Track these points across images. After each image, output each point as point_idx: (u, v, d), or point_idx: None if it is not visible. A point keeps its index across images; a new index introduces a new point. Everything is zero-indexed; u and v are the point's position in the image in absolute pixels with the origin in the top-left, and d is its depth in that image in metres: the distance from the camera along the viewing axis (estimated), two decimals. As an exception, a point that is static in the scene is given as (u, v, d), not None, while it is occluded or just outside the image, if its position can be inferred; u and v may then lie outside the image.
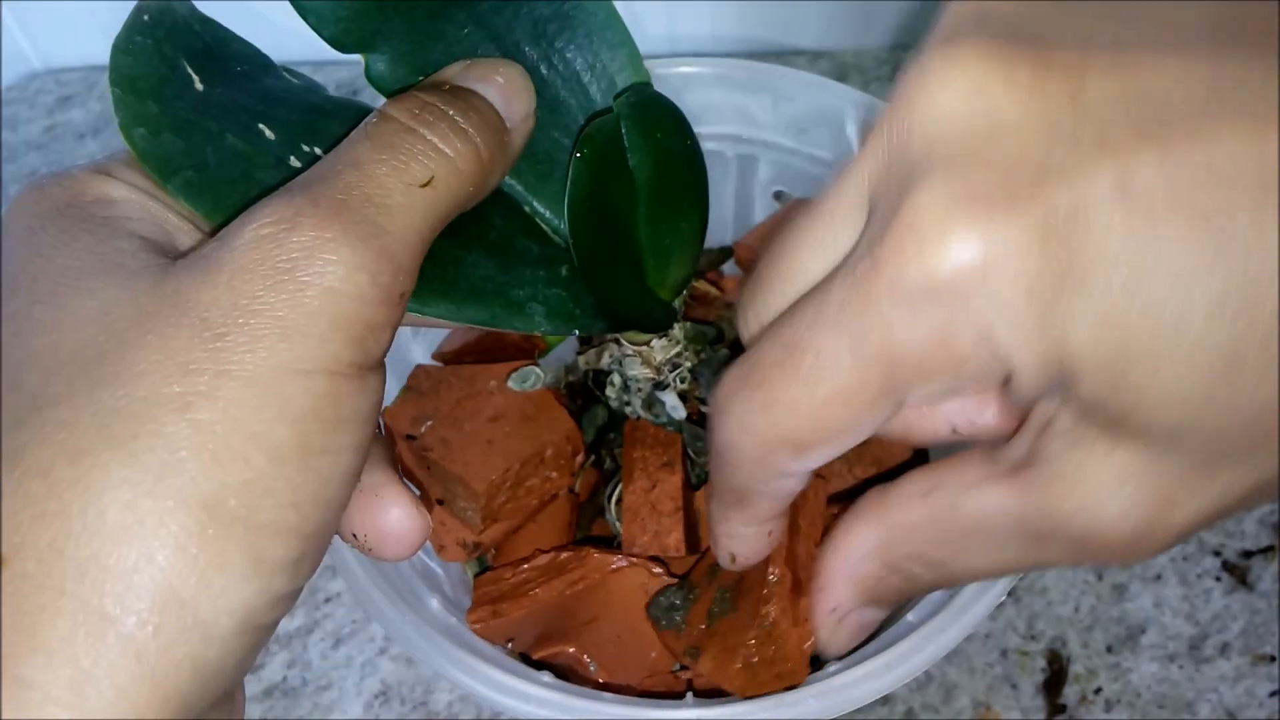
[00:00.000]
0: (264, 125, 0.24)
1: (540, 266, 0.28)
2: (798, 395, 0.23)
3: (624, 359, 0.35)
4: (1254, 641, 0.44)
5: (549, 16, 0.28)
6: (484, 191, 0.25)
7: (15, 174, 0.61)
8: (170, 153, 0.23)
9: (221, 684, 0.20)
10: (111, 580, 0.18)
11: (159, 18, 0.25)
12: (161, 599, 0.18)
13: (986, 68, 0.20)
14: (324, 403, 0.20)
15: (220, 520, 0.19)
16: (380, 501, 0.25)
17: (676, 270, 0.31)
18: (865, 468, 0.37)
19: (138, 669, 0.18)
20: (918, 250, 0.20)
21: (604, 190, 0.28)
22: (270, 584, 0.20)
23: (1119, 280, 0.19)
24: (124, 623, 0.18)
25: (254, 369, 0.19)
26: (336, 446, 0.21)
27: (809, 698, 0.30)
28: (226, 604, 0.19)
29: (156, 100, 0.23)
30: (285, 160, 0.24)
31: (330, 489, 0.21)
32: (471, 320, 0.26)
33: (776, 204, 0.44)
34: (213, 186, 0.23)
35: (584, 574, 0.35)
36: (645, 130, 0.29)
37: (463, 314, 0.26)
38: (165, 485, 0.19)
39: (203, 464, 0.19)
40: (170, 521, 0.19)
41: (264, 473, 0.19)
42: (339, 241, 0.20)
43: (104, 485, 0.18)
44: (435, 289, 0.25)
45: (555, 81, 0.29)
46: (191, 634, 0.19)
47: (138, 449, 0.19)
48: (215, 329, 0.20)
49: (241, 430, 0.19)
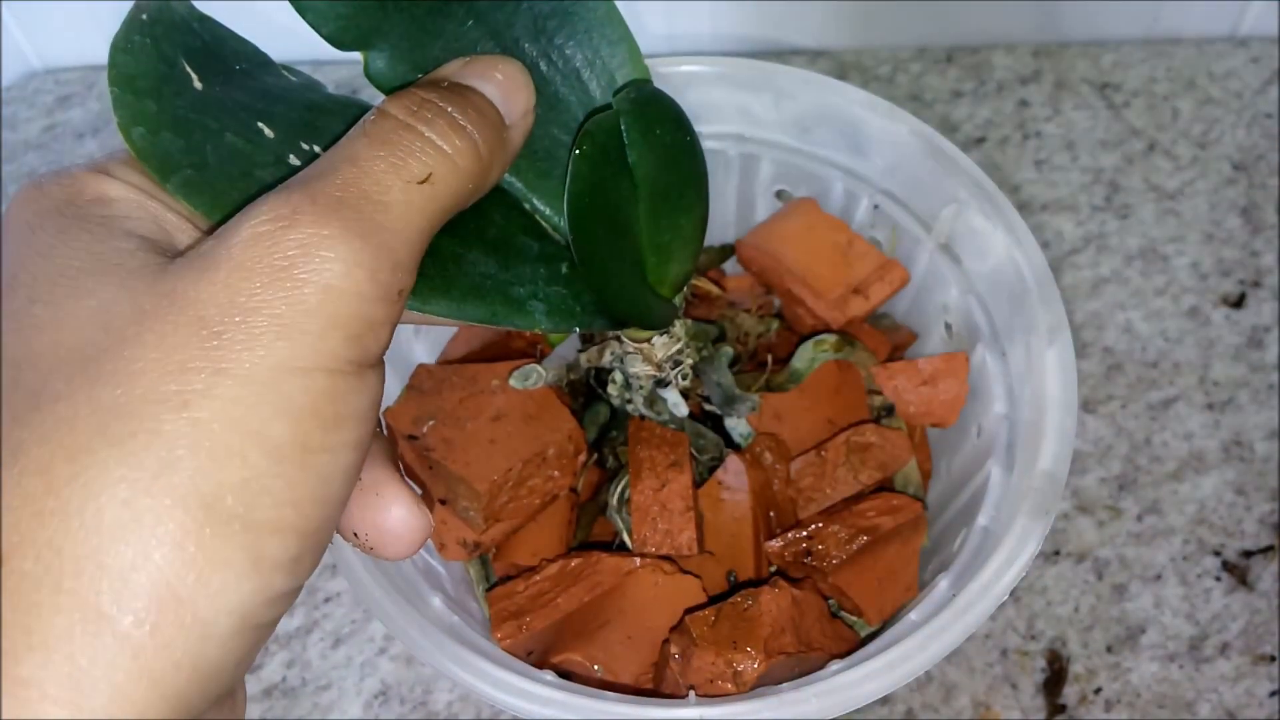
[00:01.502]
0: (263, 123, 0.24)
1: (540, 264, 0.28)
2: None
3: (625, 356, 0.35)
4: (1254, 641, 0.44)
5: (549, 13, 0.28)
6: (484, 188, 0.25)
7: (15, 174, 0.61)
8: (169, 151, 0.23)
9: (221, 682, 0.20)
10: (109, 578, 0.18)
11: (157, 16, 0.24)
12: (159, 597, 0.18)
13: None
14: (323, 400, 0.20)
15: (218, 518, 0.19)
16: (381, 500, 0.25)
17: (677, 267, 0.31)
18: (871, 473, 0.37)
19: (135, 667, 0.18)
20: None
21: (604, 187, 0.28)
22: (269, 582, 0.20)
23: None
24: (121, 621, 0.18)
25: (251, 367, 0.19)
26: (336, 444, 0.21)
27: (810, 697, 0.30)
28: (225, 603, 0.19)
29: (155, 99, 0.23)
30: (285, 159, 0.24)
31: (330, 487, 0.21)
32: (471, 318, 0.26)
33: (779, 203, 0.44)
34: (212, 185, 0.23)
35: (600, 579, 0.35)
36: (645, 126, 0.28)
37: (463, 311, 0.26)
38: (163, 483, 0.19)
39: (200, 462, 0.19)
40: (168, 519, 0.18)
41: (262, 471, 0.19)
42: (337, 238, 0.20)
43: (102, 483, 0.18)
44: (435, 286, 0.25)
45: (555, 78, 0.29)
46: (189, 633, 0.19)
47: (135, 447, 0.19)
48: (213, 327, 0.19)
49: (239, 428, 0.19)
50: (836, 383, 0.38)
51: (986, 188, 0.38)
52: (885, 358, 0.41)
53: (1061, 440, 0.33)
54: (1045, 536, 0.32)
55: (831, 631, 0.36)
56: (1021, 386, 0.36)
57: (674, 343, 0.34)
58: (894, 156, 0.40)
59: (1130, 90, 0.60)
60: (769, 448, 0.37)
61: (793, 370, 0.40)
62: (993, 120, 0.59)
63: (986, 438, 0.37)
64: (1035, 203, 0.56)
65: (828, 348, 0.40)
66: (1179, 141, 0.58)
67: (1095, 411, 0.49)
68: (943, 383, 0.39)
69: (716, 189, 0.32)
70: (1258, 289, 0.53)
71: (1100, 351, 0.51)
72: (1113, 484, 0.48)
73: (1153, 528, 0.47)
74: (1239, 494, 0.47)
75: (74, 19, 0.63)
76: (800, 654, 0.34)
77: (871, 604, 0.36)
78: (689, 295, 0.36)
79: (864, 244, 0.41)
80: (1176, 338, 0.51)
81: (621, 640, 0.35)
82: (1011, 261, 0.36)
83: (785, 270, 0.41)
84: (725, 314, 0.42)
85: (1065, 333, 0.34)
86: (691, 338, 0.35)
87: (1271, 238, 0.54)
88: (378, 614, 0.32)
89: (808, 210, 0.42)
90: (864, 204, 0.42)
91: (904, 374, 0.39)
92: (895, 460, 0.37)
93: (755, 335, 0.41)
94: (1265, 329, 0.51)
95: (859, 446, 0.37)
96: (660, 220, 0.30)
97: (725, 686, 0.33)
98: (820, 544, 0.35)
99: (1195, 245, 0.54)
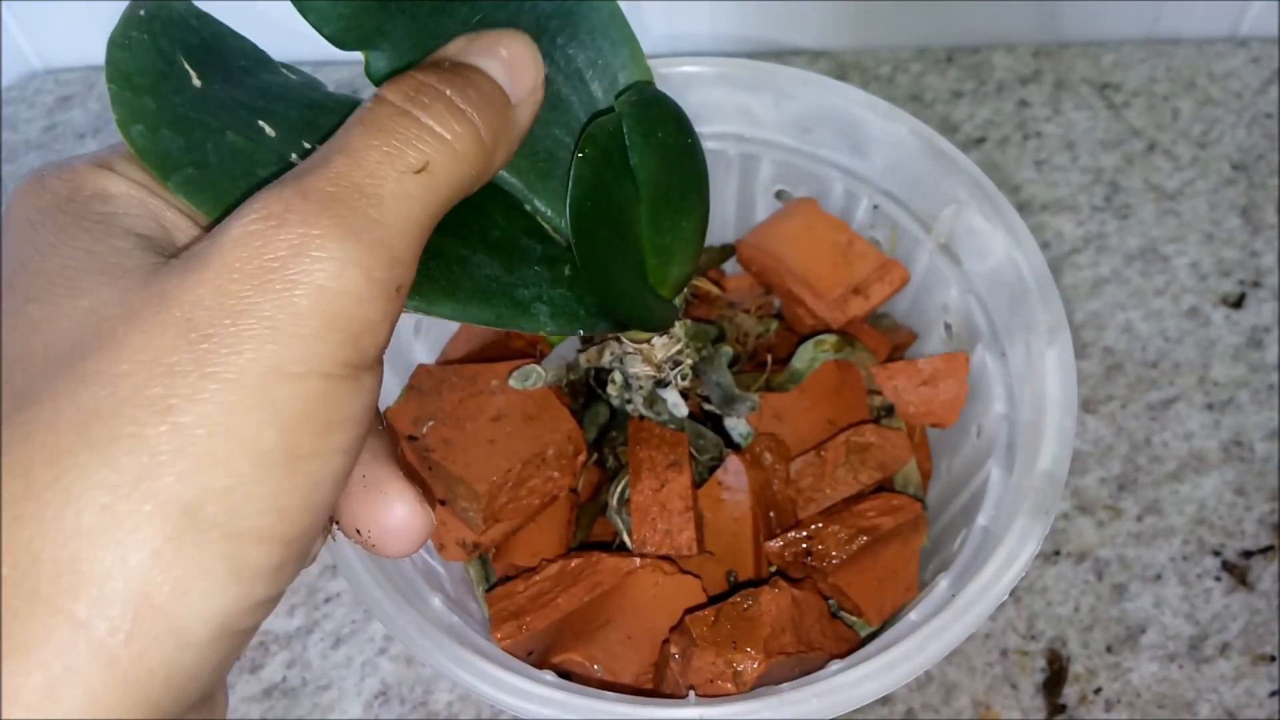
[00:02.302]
0: (264, 122, 0.24)
1: (544, 266, 0.28)
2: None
3: (625, 357, 0.35)
4: (1254, 641, 0.44)
5: (551, 12, 0.28)
6: (488, 174, 0.24)
7: (15, 174, 0.61)
8: (169, 149, 0.23)
9: (198, 688, 0.20)
10: (85, 584, 0.18)
11: (155, 12, 0.24)
12: (135, 605, 0.18)
13: None
14: (315, 406, 0.20)
15: (199, 526, 0.18)
16: (384, 497, 0.24)
17: (678, 268, 0.31)
18: (870, 473, 0.37)
19: (109, 675, 0.18)
20: None
21: (606, 190, 0.28)
22: (250, 591, 0.19)
23: None
24: (96, 628, 0.18)
25: (240, 371, 0.19)
26: (327, 449, 0.20)
27: (810, 697, 0.30)
28: (202, 611, 0.19)
29: (154, 96, 0.23)
30: (286, 157, 0.24)
31: (318, 493, 0.20)
32: (477, 320, 0.26)
33: (778, 203, 0.44)
34: (214, 184, 0.23)
35: (600, 579, 0.35)
36: (647, 129, 0.28)
37: (468, 314, 0.26)
38: (143, 489, 0.18)
39: (182, 468, 0.18)
40: (146, 526, 0.18)
41: (247, 478, 0.19)
42: (328, 236, 0.20)
43: (81, 487, 0.18)
44: (441, 288, 0.25)
45: (557, 78, 0.29)
46: (165, 641, 0.18)
47: (116, 451, 0.18)
48: (201, 330, 0.19)
49: (225, 434, 0.19)
50: (836, 383, 0.38)
51: (986, 188, 0.38)
52: (885, 358, 0.41)
53: (1061, 440, 0.33)
54: (1045, 536, 0.32)
55: (831, 631, 0.36)
56: (1021, 386, 0.36)
57: (674, 344, 0.34)
58: (894, 156, 0.40)
59: (1130, 90, 0.60)
60: (769, 448, 0.37)
61: (793, 370, 0.40)
62: (993, 120, 0.59)
63: (986, 438, 0.37)
64: (1035, 203, 0.56)
65: (828, 348, 0.40)
66: (1179, 141, 0.58)
67: (1095, 411, 0.49)
68: (942, 383, 0.39)
69: (716, 189, 0.31)
70: (1258, 289, 0.53)
71: (1100, 351, 0.51)
72: (1113, 484, 0.48)
73: (1153, 528, 0.47)
74: (1239, 494, 0.47)
75: (74, 19, 0.63)
76: (800, 654, 0.34)
77: (871, 604, 0.36)
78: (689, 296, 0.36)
79: (864, 244, 0.42)
80: (1176, 338, 0.51)
81: (621, 640, 0.35)
82: (1011, 261, 0.36)
83: (786, 270, 0.41)
84: (725, 314, 0.42)
85: (1065, 333, 0.34)
86: (691, 338, 0.35)
87: (1271, 238, 0.54)
88: (378, 614, 0.32)
89: (808, 210, 0.42)
90: (864, 204, 0.42)
91: (904, 374, 0.39)
92: (895, 460, 0.37)
93: (755, 335, 0.41)
94: (1265, 329, 0.51)
95: (859, 447, 0.37)
96: (662, 222, 0.30)
97: (725, 686, 0.33)
98: (820, 544, 0.36)
99: (1195, 245, 0.54)
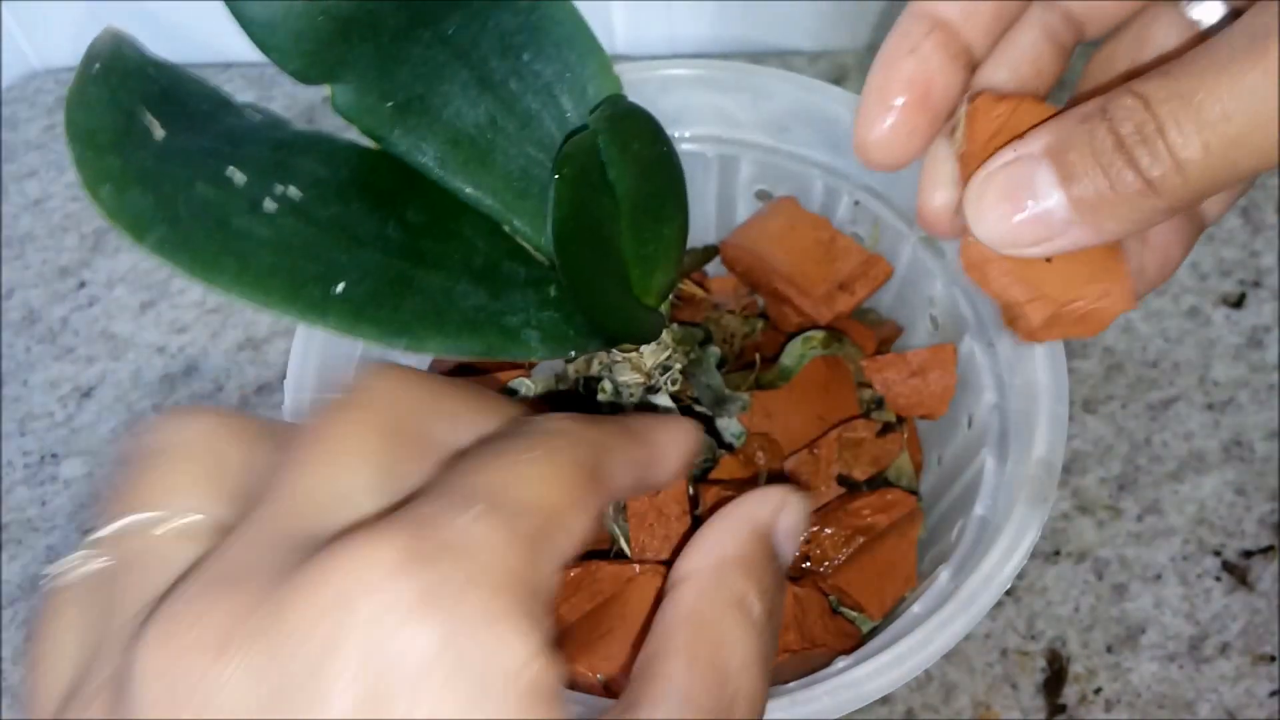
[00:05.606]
0: (233, 167, 0.24)
1: (530, 289, 0.28)
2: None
3: (614, 366, 0.35)
4: (1254, 641, 0.44)
5: (515, 29, 0.28)
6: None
7: (15, 174, 0.61)
8: (140, 209, 0.22)
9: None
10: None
11: (111, 64, 0.24)
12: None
13: None
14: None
15: None
16: None
17: (661, 276, 0.31)
18: (864, 469, 0.37)
19: None
20: None
21: (587, 208, 0.27)
22: None
23: None
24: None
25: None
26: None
27: (821, 695, 0.30)
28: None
29: (118, 154, 0.22)
30: (259, 203, 0.23)
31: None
32: (468, 353, 0.26)
33: (759, 203, 0.44)
34: (188, 241, 0.22)
35: (600, 587, 0.35)
36: (623, 143, 0.28)
37: (459, 347, 0.25)
38: None
39: None
40: None
41: None
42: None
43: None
44: (428, 323, 0.25)
45: (525, 94, 0.28)
46: None
47: None
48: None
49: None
50: (825, 379, 0.38)
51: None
52: (873, 352, 0.41)
53: (1055, 427, 0.33)
54: (1045, 524, 0.32)
55: (834, 628, 0.35)
56: (1011, 376, 0.36)
57: (662, 350, 0.34)
58: (873, 152, 0.40)
59: (1130, 90, 0.60)
60: (762, 447, 0.37)
61: (782, 367, 0.40)
62: (992, 120, 0.59)
63: (978, 428, 0.37)
64: (1035, 203, 0.56)
65: (816, 344, 0.39)
66: (1179, 141, 0.58)
67: (1095, 411, 0.49)
68: (931, 374, 0.38)
69: (696, 191, 0.31)
70: (1258, 289, 0.53)
71: (1100, 351, 0.51)
72: (1113, 484, 0.48)
73: (1153, 528, 0.46)
74: (1239, 494, 0.47)
75: (74, 19, 0.63)
76: (804, 651, 0.34)
77: (872, 599, 0.36)
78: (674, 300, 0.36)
79: (847, 240, 0.41)
80: (1176, 338, 0.51)
81: (624, 648, 0.35)
82: (995, 252, 0.36)
83: (771, 269, 0.41)
84: (710, 316, 0.42)
85: (1052, 321, 0.34)
86: (679, 342, 0.35)
87: (1271, 238, 0.54)
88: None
89: (789, 209, 0.42)
90: (844, 200, 0.42)
91: (893, 367, 0.39)
92: (887, 454, 0.37)
93: (741, 335, 0.41)
94: (1265, 329, 0.51)
95: (851, 443, 0.37)
96: (643, 232, 0.30)
97: None
98: (818, 548, 0.36)
99: (1195, 245, 0.54)
